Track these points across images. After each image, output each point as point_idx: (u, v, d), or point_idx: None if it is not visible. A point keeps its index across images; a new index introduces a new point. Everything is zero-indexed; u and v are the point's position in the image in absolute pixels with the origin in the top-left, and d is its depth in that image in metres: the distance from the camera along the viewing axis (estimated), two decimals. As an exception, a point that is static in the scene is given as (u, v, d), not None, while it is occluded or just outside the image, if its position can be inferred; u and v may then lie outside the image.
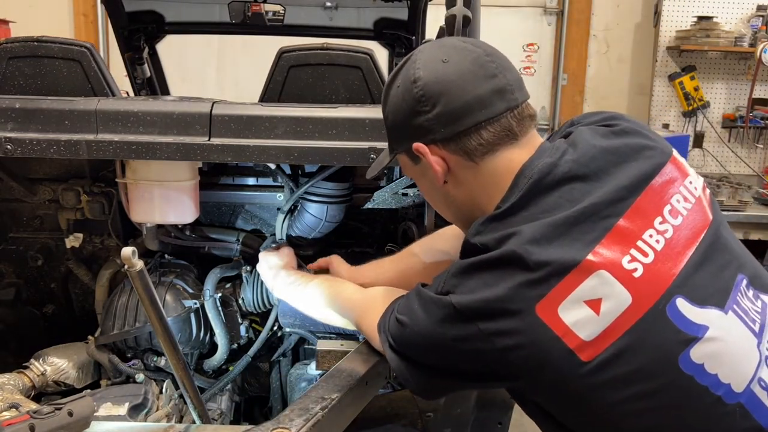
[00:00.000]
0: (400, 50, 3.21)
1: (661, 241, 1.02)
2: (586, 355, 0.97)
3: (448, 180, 1.15)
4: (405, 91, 1.13)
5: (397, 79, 1.16)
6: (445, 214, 1.28)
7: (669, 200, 1.06)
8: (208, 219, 2.10)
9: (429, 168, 1.15)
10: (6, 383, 1.66)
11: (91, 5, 5.25)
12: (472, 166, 1.12)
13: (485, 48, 1.13)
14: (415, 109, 1.11)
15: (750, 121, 4.84)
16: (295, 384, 2.02)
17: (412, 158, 1.18)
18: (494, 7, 5.25)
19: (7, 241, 2.12)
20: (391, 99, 1.17)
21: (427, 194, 1.26)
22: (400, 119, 1.15)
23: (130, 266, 1.16)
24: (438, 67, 1.10)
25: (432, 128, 1.10)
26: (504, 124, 1.09)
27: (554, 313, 0.97)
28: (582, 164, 1.06)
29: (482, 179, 1.12)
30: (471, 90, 1.08)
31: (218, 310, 1.99)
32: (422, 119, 1.11)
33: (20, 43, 1.79)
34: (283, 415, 1.11)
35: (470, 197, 1.15)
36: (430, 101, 1.09)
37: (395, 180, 1.97)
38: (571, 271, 0.97)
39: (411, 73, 1.12)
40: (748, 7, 4.82)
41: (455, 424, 1.84)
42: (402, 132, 1.16)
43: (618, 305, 0.98)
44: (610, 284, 0.98)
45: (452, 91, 1.08)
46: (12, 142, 1.62)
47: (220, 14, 3.15)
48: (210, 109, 1.65)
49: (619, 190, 1.04)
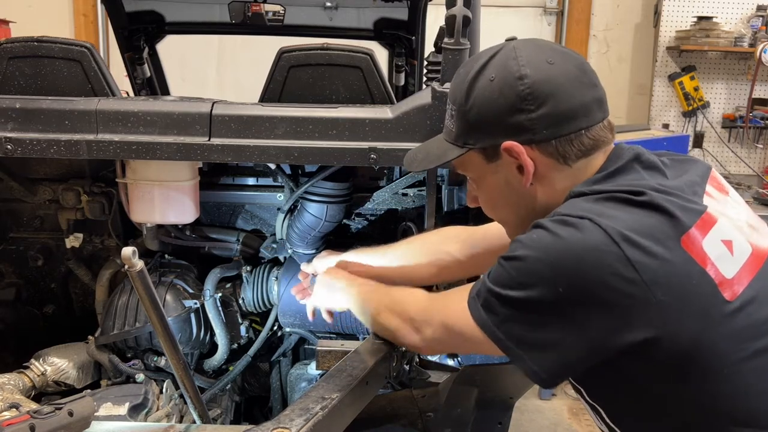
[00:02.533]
0: (400, 50, 3.21)
1: (741, 211, 1.10)
2: (729, 293, 0.97)
3: (534, 181, 1.11)
4: (505, 85, 1.08)
5: (488, 71, 1.10)
6: (506, 213, 1.21)
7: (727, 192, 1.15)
8: (208, 219, 2.10)
9: (509, 167, 1.11)
10: (6, 383, 1.67)
11: (91, 5, 5.25)
12: (563, 169, 1.10)
13: (581, 56, 1.14)
14: (517, 106, 1.07)
15: (750, 121, 4.85)
16: (295, 384, 2.02)
17: (487, 155, 1.13)
18: (494, 7, 5.25)
19: (8, 241, 2.12)
20: (479, 91, 1.10)
21: (491, 193, 1.20)
22: (492, 114, 1.09)
23: (130, 266, 1.15)
24: (545, 67, 1.07)
25: (533, 128, 1.07)
26: (599, 133, 1.09)
27: (699, 247, 0.97)
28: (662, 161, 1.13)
29: (571, 180, 1.10)
30: (578, 96, 1.07)
31: (218, 310, 2.00)
32: (523, 117, 1.07)
33: (20, 43, 1.79)
34: (283, 415, 1.11)
35: (553, 197, 1.11)
36: (536, 100, 1.06)
37: (395, 180, 1.97)
38: (704, 213, 1.01)
39: (514, 68, 1.07)
40: (748, 7, 4.82)
41: (455, 424, 1.84)
42: (491, 127, 1.10)
43: (743, 249, 1.02)
44: (732, 231, 1.03)
45: (561, 94, 1.06)
46: (12, 142, 1.62)
47: (220, 14, 3.15)
48: (210, 109, 1.65)
49: (694, 178, 1.10)
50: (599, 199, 1.02)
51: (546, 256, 0.98)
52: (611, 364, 1.00)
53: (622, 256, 0.94)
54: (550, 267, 0.97)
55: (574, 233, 0.97)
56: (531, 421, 3.44)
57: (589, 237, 0.96)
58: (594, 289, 0.95)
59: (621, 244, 0.94)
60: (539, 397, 3.62)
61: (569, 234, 0.97)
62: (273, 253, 2.07)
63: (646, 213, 0.98)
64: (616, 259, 0.94)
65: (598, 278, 0.95)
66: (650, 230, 0.96)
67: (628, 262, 0.94)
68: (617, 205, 1.00)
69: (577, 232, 0.97)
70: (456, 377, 1.70)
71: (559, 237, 0.98)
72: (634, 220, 0.97)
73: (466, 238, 1.52)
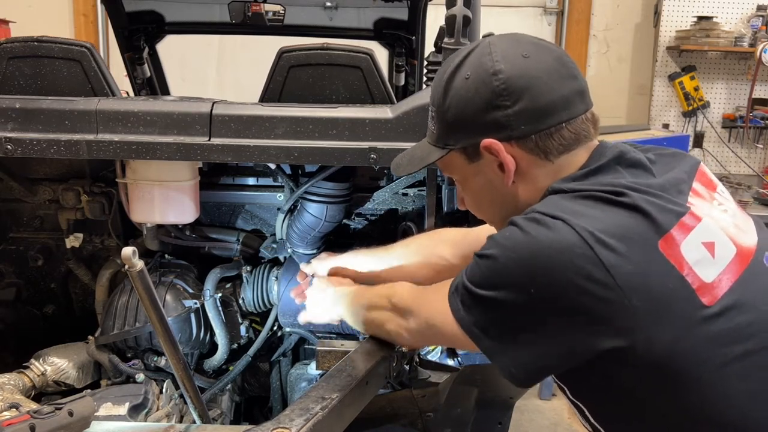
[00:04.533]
0: (400, 50, 3.21)
1: (728, 209, 1.08)
2: (708, 298, 0.94)
3: (516, 179, 1.09)
4: (479, 83, 1.05)
5: (463, 70, 1.08)
6: (492, 213, 1.19)
7: (715, 187, 1.12)
8: (208, 219, 2.10)
9: (490, 166, 1.09)
10: (6, 383, 1.67)
11: (91, 5, 5.25)
12: (545, 165, 1.07)
13: (560, 48, 1.12)
14: (493, 103, 1.04)
15: (750, 121, 4.84)
16: (295, 384, 2.02)
17: (468, 155, 1.11)
18: (494, 7, 5.25)
19: (8, 241, 2.12)
20: (455, 90, 1.08)
21: (475, 194, 1.18)
22: (469, 113, 1.07)
23: (130, 266, 1.15)
24: (520, 61, 1.05)
25: (510, 125, 1.04)
26: (581, 126, 1.07)
27: (677, 251, 0.94)
28: (648, 158, 1.10)
29: (553, 176, 1.08)
30: (557, 89, 1.04)
31: (218, 310, 2.00)
32: (500, 114, 1.04)
33: (20, 43, 1.80)
34: (283, 415, 1.11)
35: (535, 195, 1.09)
36: (512, 96, 1.03)
37: (395, 180, 1.97)
38: (685, 214, 0.98)
39: (488, 64, 1.05)
40: (748, 7, 4.81)
41: (455, 424, 1.84)
42: (469, 127, 1.08)
43: (727, 252, 0.99)
44: (715, 231, 1.00)
45: (538, 88, 1.03)
46: (12, 142, 1.62)
47: (220, 14, 3.15)
48: (210, 109, 1.65)
49: (680, 175, 1.08)
50: (576, 197, 1.00)
51: (517, 256, 0.96)
52: (591, 366, 0.98)
53: (594, 258, 0.91)
54: (521, 267, 0.95)
55: (545, 233, 0.95)
56: (531, 421, 3.44)
57: (562, 238, 0.93)
58: (565, 293, 0.93)
59: (594, 246, 0.92)
60: (539, 397, 3.62)
61: (541, 233, 0.95)
62: (273, 253, 2.07)
63: (624, 214, 0.96)
64: (588, 262, 0.92)
65: (570, 281, 0.92)
66: (626, 232, 0.94)
67: (602, 265, 0.91)
68: (594, 204, 0.98)
69: (549, 232, 0.94)
70: (456, 377, 1.70)
71: (530, 236, 0.96)
72: (610, 220, 0.95)
73: (459, 241, 1.50)
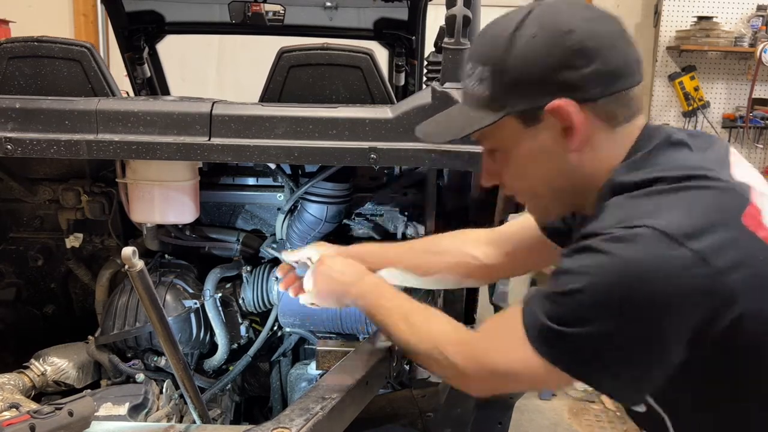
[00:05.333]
0: (400, 50, 3.21)
1: None
2: None
3: (578, 146, 1.03)
4: (550, 41, 0.99)
5: (526, 29, 1.01)
6: (540, 185, 1.10)
7: None
8: (208, 219, 2.10)
9: (550, 132, 1.02)
10: (6, 383, 1.67)
11: (91, 5, 5.25)
12: (609, 133, 1.03)
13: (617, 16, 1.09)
14: (567, 62, 0.98)
15: (750, 121, 4.85)
16: (295, 384, 2.02)
17: (525, 120, 1.03)
18: (494, 7, 5.21)
19: (8, 241, 2.12)
20: (521, 48, 1.00)
21: (522, 163, 1.08)
22: (535, 73, 1.00)
23: (130, 266, 1.16)
24: (589, 23, 1.01)
25: (584, 86, 0.99)
26: (638, 94, 1.05)
27: (761, 224, 0.92)
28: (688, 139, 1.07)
29: (614, 148, 1.04)
30: (624, 53, 1.02)
31: (218, 310, 2.00)
32: (574, 74, 0.98)
33: (20, 43, 1.79)
34: (283, 415, 1.11)
35: (595, 166, 1.04)
36: (587, 56, 0.98)
37: (395, 180, 1.98)
38: (752, 187, 0.96)
39: (561, 23, 1.00)
40: (748, 7, 4.82)
41: (455, 424, 1.84)
42: (535, 87, 1.01)
43: None
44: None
45: (609, 50, 1.00)
46: (12, 142, 1.62)
47: (220, 14, 3.16)
48: (210, 109, 1.65)
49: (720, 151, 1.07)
50: (647, 194, 0.95)
51: (606, 282, 0.89)
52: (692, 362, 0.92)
53: (690, 255, 0.87)
54: (612, 294, 0.89)
55: (632, 248, 0.88)
56: (531, 421, 3.44)
57: (650, 246, 0.88)
58: (669, 301, 0.88)
59: (687, 242, 0.87)
60: (539, 397, 3.62)
61: (627, 251, 0.88)
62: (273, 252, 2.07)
63: (701, 196, 0.92)
64: (688, 260, 0.87)
65: (672, 288, 0.87)
66: (710, 215, 0.90)
67: (699, 259, 0.87)
68: (668, 194, 0.93)
69: (634, 246, 0.88)
70: (456, 377, 1.70)
71: (615, 256, 0.89)
72: (691, 208, 0.91)
73: (491, 240, 1.44)
